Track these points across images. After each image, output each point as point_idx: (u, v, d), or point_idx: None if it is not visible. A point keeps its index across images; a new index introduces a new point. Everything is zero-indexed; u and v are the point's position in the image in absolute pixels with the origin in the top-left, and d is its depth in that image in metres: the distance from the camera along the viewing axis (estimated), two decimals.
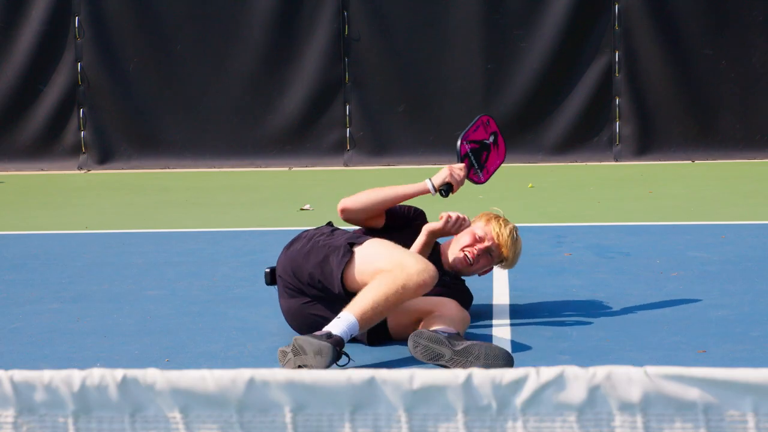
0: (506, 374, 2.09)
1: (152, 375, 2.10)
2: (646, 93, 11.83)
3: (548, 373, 2.08)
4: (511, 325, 5.40)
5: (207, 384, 2.09)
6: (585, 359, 4.85)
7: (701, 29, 11.70)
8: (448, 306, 5.08)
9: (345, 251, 4.99)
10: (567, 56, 11.78)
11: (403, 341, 4.98)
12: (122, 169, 12.06)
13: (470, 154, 5.53)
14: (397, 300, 4.79)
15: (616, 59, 11.80)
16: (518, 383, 2.08)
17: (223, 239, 7.87)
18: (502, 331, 5.31)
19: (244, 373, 2.09)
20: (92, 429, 2.11)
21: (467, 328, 5.16)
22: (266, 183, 11.04)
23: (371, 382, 2.08)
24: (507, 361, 4.66)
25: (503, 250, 5.39)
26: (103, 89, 12.09)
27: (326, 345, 4.55)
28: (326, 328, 4.72)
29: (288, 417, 2.09)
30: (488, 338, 5.23)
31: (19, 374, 2.11)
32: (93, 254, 7.36)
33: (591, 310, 5.66)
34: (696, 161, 11.74)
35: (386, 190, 5.36)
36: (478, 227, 5.41)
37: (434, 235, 5.37)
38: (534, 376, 2.08)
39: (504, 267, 5.56)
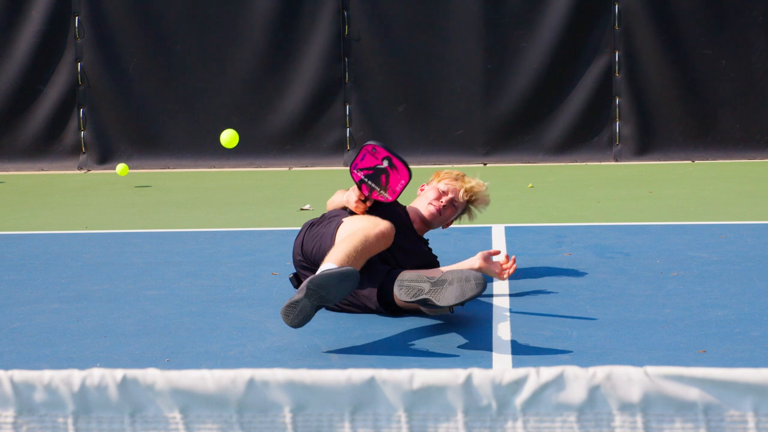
0: (506, 374, 2.09)
1: (152, 375, 2.10)
2: (646, 93, 11.83)
3: (548, 373, 2.08)
4: (512, 325, 5.41)
5: (207, 384, 2.09)
6: (585, 359, 4.85)
7: (701, 29, 11.70)
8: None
9: (334, 229, 5.67)
10: (567, 56, 11.78)
11: (409, 314, 5.56)
12: None
13: (365, 179, 5.85)
14: (365, 247, 5.33)
15: (616, 59, 11.80)
16: (518, 383, 2.08)
17: (223, 239, 7.87)
18: (502, 331, 5.31)
19: (244, 373, 2.09)
20: (92, 429, 2.11)
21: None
22: (266, 183, 11.04)
23: (371, 382, 2.08)
24: (477, 281, 5.07)
25: (465, 198, 6.25)
26: (103, 89, 12.09)
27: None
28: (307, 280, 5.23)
29: (288, 417, 2.09)
30: (488, 338, 5.24)
31: (19, 374, 2.11)
32: (93, 254, 7.36)
33: (591, 310, 5.66)
34: (696, 161, 11.74)
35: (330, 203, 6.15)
36: (441, 183, 6.25)
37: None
38: (534, 376, 2.08)
39: (470, 217, 6.39)
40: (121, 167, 10.92)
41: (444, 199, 6.17)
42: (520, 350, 5.02)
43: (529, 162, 11.83)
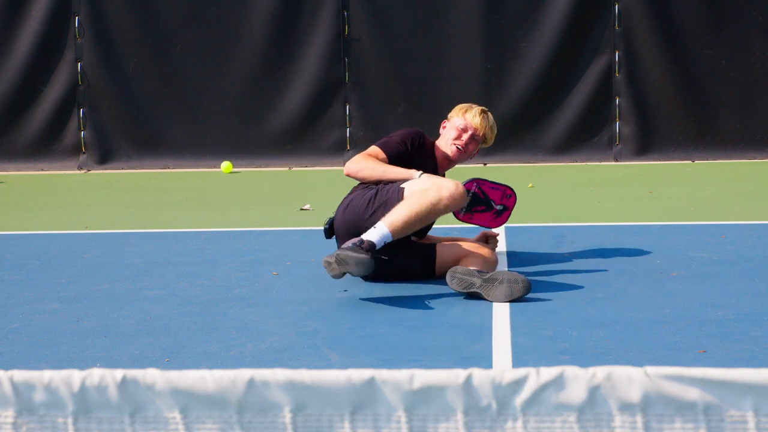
0: (506, 374, 2.09)
1: (152, 375, 2.10)
2: (646, 93, 11.83)
3: (548, 373, 2.08)
4: (512, 324, 5.40)
5: (207, 384, 2.09)
6: (585, 359, 4.85)
7: (701, 29, 11.70)
8: (484, 249, 6.24)
9: (399, 193, 5.97)
10: (567, 56, 11.78)
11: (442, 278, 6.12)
12: (122, 169, 12.06)
13: (471, 194, 6.41)
14: (428, 214, 5.82)
15: (616, 59, 11.80)
16: (518, 383, 2.08)
17: (223, 239, 7.86)
18: (502, 331, 5.31)
19: (244, 373, 2.09)
20: (92, 429, 2.11)
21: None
22: (266, 183, 11.04)
23: (371, 382, 2.08)
24: (525, 284, 5.75)
25: (483, 132, 6.55)
26: (103, 89, 12.09)
27: (366, 258, 5.55)
28: (363, 236, 5.73)
29: (288, 417, 2.09)
30: (488, 339, 5.24)
31: (19, 374, 2.11)
32: (93, 254, 7.36)
33: (591, 310, 5.66)
34: (696, 161, 11.74)
35: (381, 172, 6.25)
36: (458, 121, 6.56)
37: None
38: (534, 376, 2.08)
39: (486, 146, 6.69)
40: (225, 165, 11.16)
41: (465, 137, 6.52)
42: (520, 350, 5.01)
43: (529, 162, 11.83)
